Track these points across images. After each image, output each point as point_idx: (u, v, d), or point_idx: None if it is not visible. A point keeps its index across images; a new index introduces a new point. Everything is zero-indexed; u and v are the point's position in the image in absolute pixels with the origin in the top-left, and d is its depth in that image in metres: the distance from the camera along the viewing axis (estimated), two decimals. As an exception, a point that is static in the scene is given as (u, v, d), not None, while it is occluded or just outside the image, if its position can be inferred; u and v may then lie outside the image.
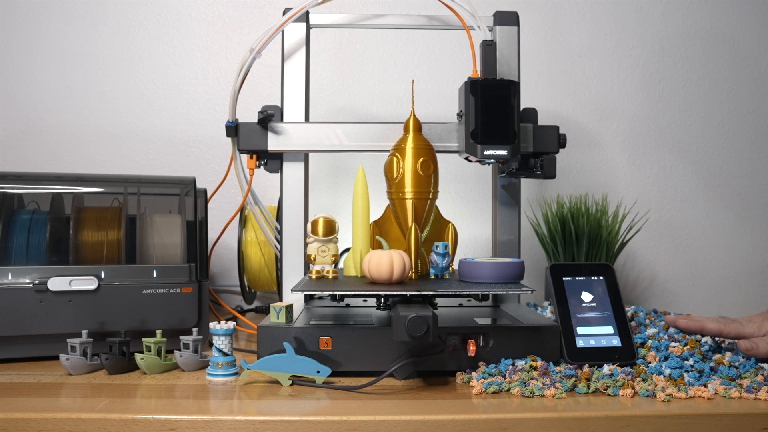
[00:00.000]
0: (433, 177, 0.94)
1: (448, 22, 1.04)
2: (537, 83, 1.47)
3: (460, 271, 0.90)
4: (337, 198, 1.46)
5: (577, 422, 0.68)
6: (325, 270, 0.93)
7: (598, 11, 1.49)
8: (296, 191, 1.01)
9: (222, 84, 1.45)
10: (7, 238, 0.93)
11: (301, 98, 1.01)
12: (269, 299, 1.43)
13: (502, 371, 0.79)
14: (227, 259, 1.43)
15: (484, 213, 1.46)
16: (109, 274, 0.94)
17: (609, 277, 0.91)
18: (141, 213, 1.00)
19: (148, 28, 1.44)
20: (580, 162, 1.48)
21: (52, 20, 1.43)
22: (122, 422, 0.67)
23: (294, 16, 0.97)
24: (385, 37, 1.47)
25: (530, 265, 1.45)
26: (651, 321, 1.02)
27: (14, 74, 1.43)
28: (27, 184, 0.99)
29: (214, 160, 1.44)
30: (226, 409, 0.70)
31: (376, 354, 0.82)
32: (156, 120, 1.44)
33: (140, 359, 0.84)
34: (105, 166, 1.43)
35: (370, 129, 0.99)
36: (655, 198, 1.50)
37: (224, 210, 1.42)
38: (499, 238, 1.04)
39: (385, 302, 0.87)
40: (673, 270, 1.51)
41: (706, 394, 0.73)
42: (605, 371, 0.79)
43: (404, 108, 1.46)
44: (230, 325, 0.82)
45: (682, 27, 1.50)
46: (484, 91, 0.89)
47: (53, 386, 0.79)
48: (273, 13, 1.44)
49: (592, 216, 1.26)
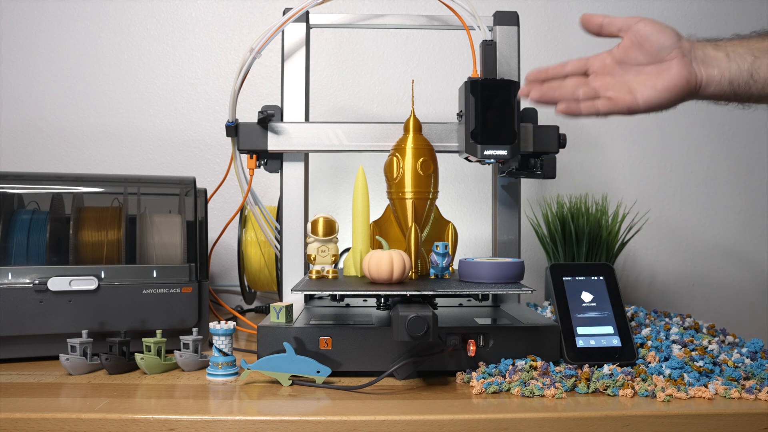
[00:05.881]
0: (433, 177, 0.94)
1: (448, 22, 1.04)
2: (537, 83, 1.47)
3: (460, 271, 0.90)
4: (337, 198, 1.46)
5: (577, 422, 0.68)
6: (325, 270, 0.93)
7: (597, 11, 1.48)
8: (296, 191, 1.01)
9: (222, 84, 1.45)
10: (7, 238, 0.93)
11: (301, 98, 1.01)
12: (269, 299, 1.43)
13: (502, 371, 0.79)
14: (227, 259, 1.43)
15: (484, 213, 1.46)
16: (109, 274, 0.94)
17: (609, 277, 0.91)
18: (141, 213, 1.00)
19: (148, 28, 1.44)
20: (580, 162, 1.48)
21: (52, 20, 1.43)
22: (122, 422, 0.67)
23: (294, 16, 0.97)
24: (385, 37, 1.47)
25: (530, 265, 1.45)
26: (651, 321, 1.02)
27: (14, 74, 1.43)
28: (27, 184, 0.99)
29: (214, 160, 1.44)
30: (226, 409, 0.70)
31: (376, 354, 0.82)
32: (156, 120, 1.44)
33: (140, 359, 0.84)
34: (105, 166, 1.43)
35: (370, 129, 0.99)
36: (655, 198, 1.50)
37: (224, 210, 1.42)
38: (499, 238, 1.04)
39: (385, 302, 0.87)
40: (673, 270, 1.51)
41: (706, 395, 0.73)
42: (605, 371, 0.79)
43: (404, 108, 1.46)
44: (230, 325, 0.82)
45: (682, 27, 1.50)
46: (484, 91, 0.89)
47: (53, 386, 0.79)
48: (273, 13, 1.44)
49: (592, 216, 1.26)
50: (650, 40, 0.76)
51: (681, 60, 0.75)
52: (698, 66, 0.75)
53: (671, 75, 0.75)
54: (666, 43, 0.75)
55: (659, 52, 0.76)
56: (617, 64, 0.78)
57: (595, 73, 0.79)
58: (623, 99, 0.76)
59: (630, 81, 0.77)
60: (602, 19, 0.80)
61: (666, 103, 0.76)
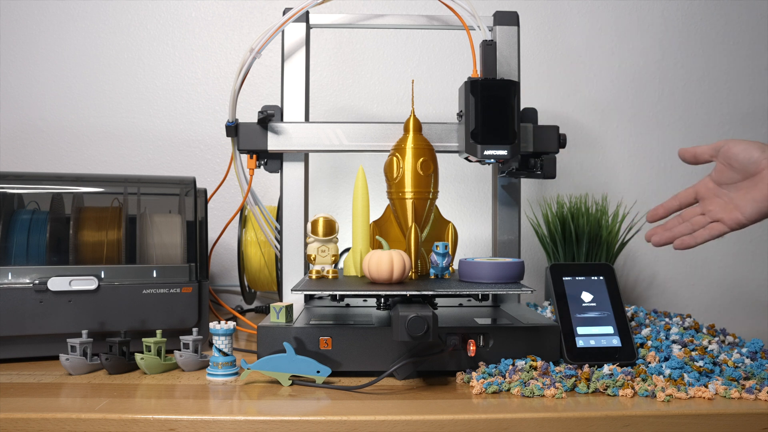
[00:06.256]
0: (433, 177, 0.94)
1: (448, 22, 1.04)
2: (537, 83, 1.47)
3: (460, 271, 0.90)
4: (337, 198, 1.46)
5: (577, 422, 0.68)
6: (325, 270, 0.93)
7: (598, 11, 1.49)
8: (296, 191, 1.01)
9: (222, 84, 1.45)
10: (7, 238, 0.93)
11: (301, 98, 1.01)
12: (269, 299, 1.43)
13: (502, 371, 0.79)
14: (227, 259, 1.43)
15: (484, 213, 1.46)
16: (109, 274, 0.94)
17: (609, 277, 0.91)
18: (141, 213, 1.00)
19: (148, 28, 1.44)
20: (580, 162, 1.48)
21: (52, 20, 1.43)
22: (122, 422, 0.67)
23: (294, 16, 0.97)
24: (385, 37, 1.47)
25: (530, 265, 1.45)
26: (651, 321, 1.02)
27: (14, 74, 1.43)
28: (27, 184, 0.99)
29: (214, 160, 1.44)
30: (226, 409, 0.70)
31: (376, 354, 0.82)
32: (156, 120, 1.44)
33: (140, 359, 0.84)
34: (105, 166, 1.43)
35: (370, 129, 0.99)
36: (655, 198, 1.50)
37: (224, 210, 1.42)
38: (499, 238, 1.04)
39: (385, 302, 0.87)
40: (673, 270, 1.51)
41: (706, 395, 0.73)
42: (605, 371, 0.79)
43: (404, 108, 1.46)
44: (230, 325, 0.82)
45: (682, 27, 1.51)
46: (484, 91, 0.89)
47: (53, 386, 0.79)
48: (273, 13, 1.44)
49: (592, 216, 1.26)
50: (738, 158, 0.84)
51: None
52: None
53: (766, 184, 0.81)
54: (753, 157, 0.83)
55: (749, 167, 0.83)
56: (719, 186, 0.87)
57: (703, 198, 0.89)
58: (731, 217, 0.85)
59: (734, 198, 0.86)
60: (694, 150, 0.89)
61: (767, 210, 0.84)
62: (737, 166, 0.84)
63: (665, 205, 0.91)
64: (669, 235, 0.89)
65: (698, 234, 0.87)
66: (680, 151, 0.91)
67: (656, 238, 0.90)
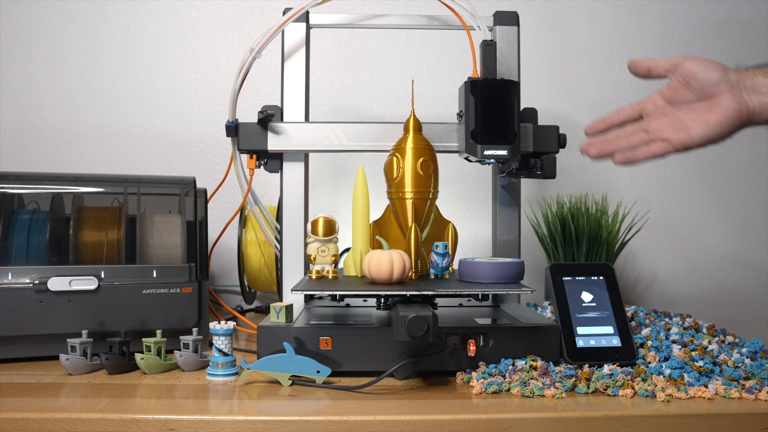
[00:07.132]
0: (433, 177, 0.94)
1: (448, 22, 1.04)
2: (537, 83, 1.47)
3: (460, 271, 0.90)
4: (337, 198, 1.46)
5: (577, 422, 0.68)
6: (325, 270, 0.93)
7: (598, 11, 1.49)
8: (296, 191, 1.01)
9: (222, 84, 1.45)
10: (7, 238, 0.93)
11: (301, 98, 1.01)
12: (269, 299, 1.43)
13: (502, 371, 0.79)
14: (227, 259, 1.43)
15: (484, 213, 1.46)
16: (109, 274, 0.94)
17: (609, 277, 0.91)
18: (141, 213, 1.00)
19: (148, 28, 1.44)
20: (580, 162, 1.48)
21: (52, 20, 1.43)
22: (122, 422, 0.67)
23: (294, 16, 0.97)
24: (385, 37, 1.47)
25: (530, 265, 1.45)
26: (651, 321, 1.02)
27: (14, 74, 1.43)
28: (27, 184, 0.99)
29: (214, 160, 1.44)
30: (226, 409, 0.70)
31: (376, 354, 0.82)
32: (156, 120, 1.44)
33: (140, 359, 0.84)
34: (105, 166, 1.43)
35: (370, 129, 0.99)
36: (655, 198, 1.50)
37: (224, 210, 1.42)
38: (499, 238, 1.04)
39: (385, 302, 0.87)
40: (673, 270, 1.51)
41: (706, 395, 0.73)
42: (605, 371, 0.79)
43: (404, 108, 1.46)
44: (230, 325, 0.82)
45: (682, 27, 1.51)
46: (484, 91, 0.89)
47: (53, 386, 0.79)
48: (273, 13, 1.44)
49: (592, 216, 1.26)
50: (697, 78, 0.78)
51: (729, 93, 0.77)
52: (748, 95, 0.77)
53: (721, 109, 0.76)
54: (713, 79, 0.77)
55: (707, 88, 0.77)
56: (669, 104, 0.81)
57: (649, 115, 0.83)
58: (678, 138, 0.79)
59: (683, 119, 0.79)
60: (649, 62, 0.82)
61: (719, 136, 0.78)
62: (695, 85, 0.78)
63: (607, 119, 0.85)
64: (609, 148, 0.83)
65: (640, 151, 0.81)
66: (631, 62, 0.83)
67: (593, 150, 0.84)
